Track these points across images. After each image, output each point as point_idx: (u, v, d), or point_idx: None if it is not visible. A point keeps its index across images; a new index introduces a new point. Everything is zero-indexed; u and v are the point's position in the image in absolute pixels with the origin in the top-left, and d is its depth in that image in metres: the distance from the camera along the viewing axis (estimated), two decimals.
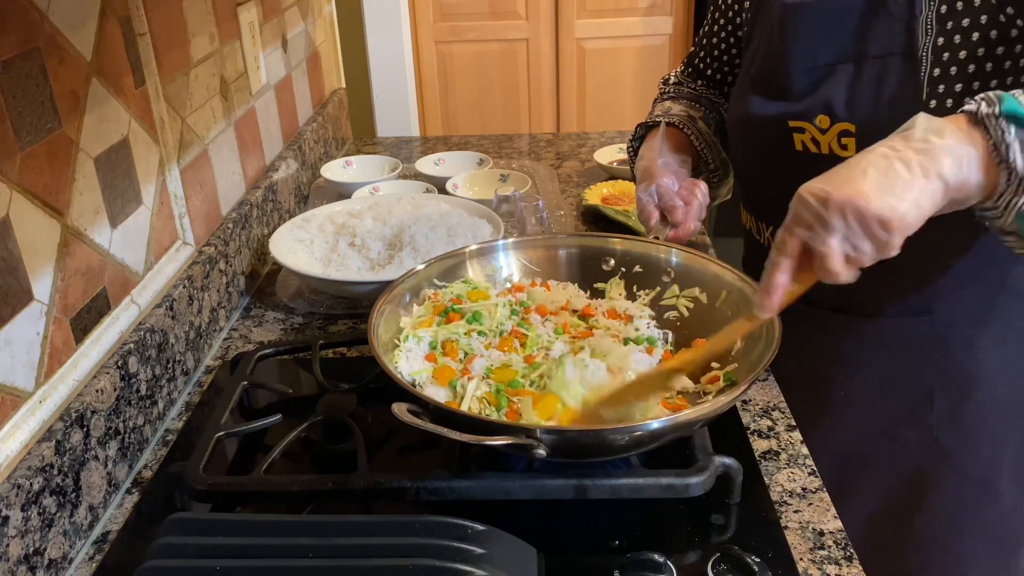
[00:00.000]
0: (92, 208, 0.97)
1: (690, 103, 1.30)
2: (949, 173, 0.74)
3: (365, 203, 1.47)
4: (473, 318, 1.01)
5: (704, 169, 1.26)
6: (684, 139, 1.24)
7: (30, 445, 0.82)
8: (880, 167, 0.75)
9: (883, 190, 0.73)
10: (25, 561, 0.78)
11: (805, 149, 1.05)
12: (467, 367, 0.94)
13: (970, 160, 0.75)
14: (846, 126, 1.00)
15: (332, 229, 1.39)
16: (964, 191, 0.76)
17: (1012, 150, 0.74)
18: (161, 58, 1.14)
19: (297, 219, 1.41)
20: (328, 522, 0.76)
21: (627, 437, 0.83)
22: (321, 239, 1.38)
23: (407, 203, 1.45)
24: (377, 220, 1.39)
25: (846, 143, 1.01)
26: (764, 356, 0.89)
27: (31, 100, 0.85)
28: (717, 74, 1.32)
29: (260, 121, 1.56)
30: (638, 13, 3.08)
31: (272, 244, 1.34)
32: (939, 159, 0.74)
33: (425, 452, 0.97)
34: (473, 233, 1.34)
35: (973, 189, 0.76)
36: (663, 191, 1.10)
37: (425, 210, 1.42)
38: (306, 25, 1.90)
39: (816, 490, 0.91)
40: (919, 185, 0.74)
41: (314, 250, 1.36)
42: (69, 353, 0.92)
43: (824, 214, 0.75)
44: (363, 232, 1.36)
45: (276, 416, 0.98)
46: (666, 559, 0.78)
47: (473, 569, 0.69)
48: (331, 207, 1.46)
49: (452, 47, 3.09)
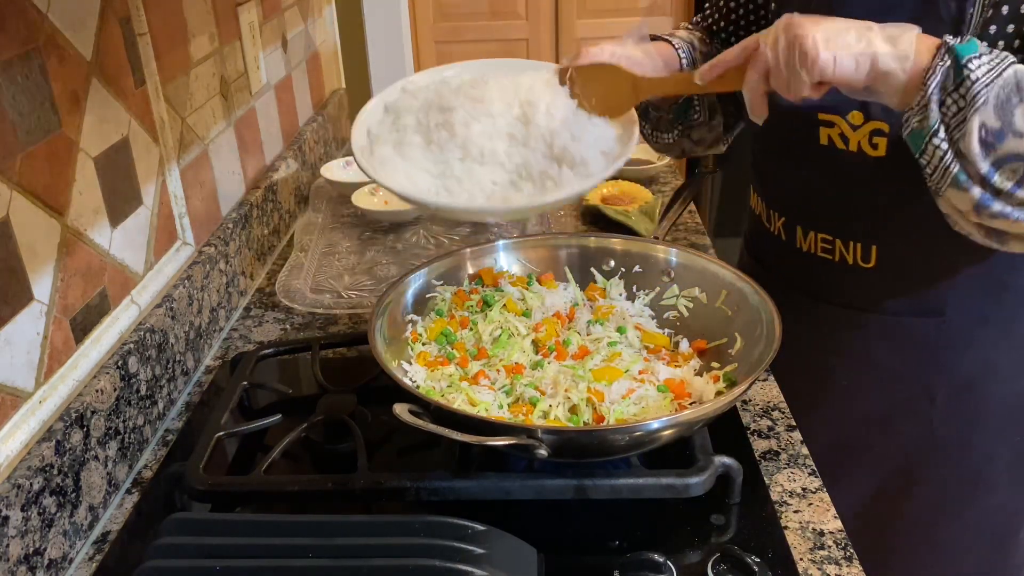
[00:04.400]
0: (92, 208, 0.97)
1: (701, 38, 1.21)
2: (883, 62, 0.82)
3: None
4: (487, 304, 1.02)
5: (687, 105, 1.17)
6: (672, 56, 1.11)
7: (30, 445, 0.82)
8: (841, 26, 0.84)
9: (826, 36, 0.83)
10: (25, 561, 0.78)
11: (831, 144, 1.04)
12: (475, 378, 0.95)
13: (905, 66, 0.82)
14: (880, 125, 0.99)
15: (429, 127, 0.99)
16: (886, 81, 0.83)
17: (934, 78, 0.81)
18: (161, 58, 1.14)
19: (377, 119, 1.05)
20: (328, 522, 0.76)
21: (627, 437, 0.83)
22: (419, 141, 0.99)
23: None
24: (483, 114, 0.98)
25: (877, 142, 1.00)
26: (764, 356, 0.89)
27: (31, 100, 0.85)
28: (731, 38, 1.23)
29: (260, 121, 1.56)
30: (638, 13, 3.09)
31: (368, 163, 0.99)
32: (884, 47, 0.83)
33: (425, 452, 0.97)
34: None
35: (894, 88, 0.84)
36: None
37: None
38: (306, 25, 1.90)
39: (816, 490, 0.91)
40: (853, 49, 0.82)
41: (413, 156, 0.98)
42: (69, 353, 0.92)
43: (780, 31, 0.85)
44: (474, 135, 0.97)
45: (276, 416, 0.98)
46: (666, 559, 0.78)
47: (473, 569, 0.69)
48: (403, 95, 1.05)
49: (452, 47, 3.09)
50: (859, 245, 1.06)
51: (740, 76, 0.89)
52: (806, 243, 1.11)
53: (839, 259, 1.09)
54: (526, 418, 0.89)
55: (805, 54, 0.82)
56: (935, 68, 0.81)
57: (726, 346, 1.00)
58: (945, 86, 0.81)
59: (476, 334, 1.01)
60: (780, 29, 0.85)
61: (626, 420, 0.88)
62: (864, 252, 1.06)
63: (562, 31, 3.10)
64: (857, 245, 1.06)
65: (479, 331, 1.01)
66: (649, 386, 0.92)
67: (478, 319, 1.03)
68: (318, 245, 1.48)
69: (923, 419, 1.13)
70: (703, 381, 0.94)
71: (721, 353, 1.00)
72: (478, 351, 0.99)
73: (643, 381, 0.93)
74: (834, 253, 1.09)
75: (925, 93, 0.82)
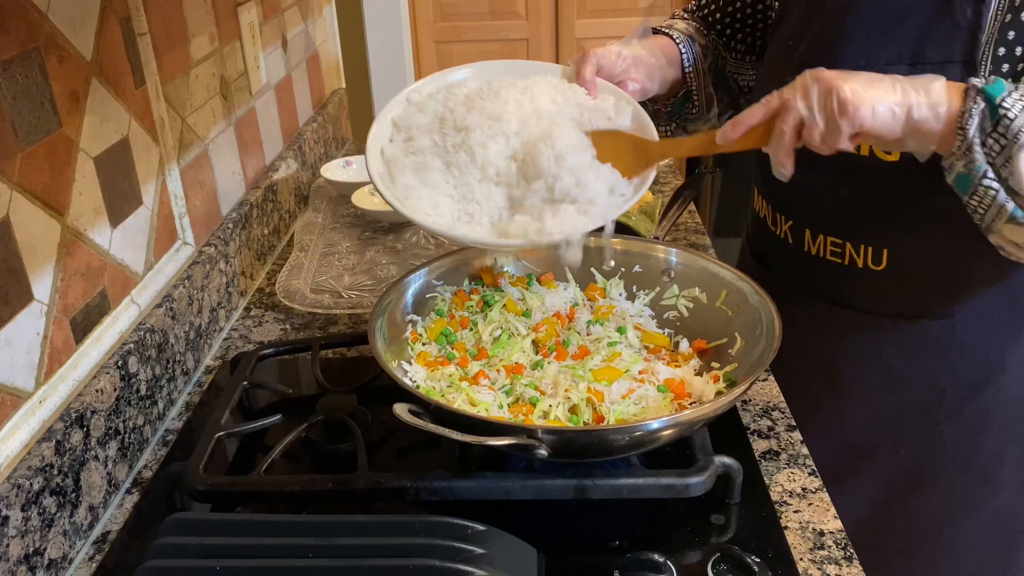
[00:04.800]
0: (92, 208, 0.97)
1: (699, 29, 1.22)
2: (917, 111, 0.83)
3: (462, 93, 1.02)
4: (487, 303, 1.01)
5: (686, 98, 1.19)
6: (673, 51, 1.14)
7: (30, 445, 0.82)
8: (875, 76, 0.84)
9: (861, 86, 0.83)
10: (25, 561, 0.78)
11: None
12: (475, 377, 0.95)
13: (939, 112, 0.83)
14: None
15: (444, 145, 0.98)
16: (921, 131, 0.84)
17: (972, 121, 0.82)
18: (161, 58, 1.14)
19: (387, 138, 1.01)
20: (328, 522, 0.77)
21: (627, 437, 0.83)
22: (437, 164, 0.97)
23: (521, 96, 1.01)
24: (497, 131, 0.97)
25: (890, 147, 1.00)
26: (764, 356, 0.90)
27: (31, 100, 0.85)
28: (727, 29, 1.24)
29: (260, 121, 1.56)
30: (638, 13, 3.08)
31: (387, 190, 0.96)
32: (918, 96, 0.83)
33: (425, 452, 0.97)
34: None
35: (929, 136, 0.84)
36: (602, 53, 1.04)
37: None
38: (306, 25, 1.90)
39: (816, 490, 0.91)
40: (888, 98, 0.83)
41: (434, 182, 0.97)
42: (69, 353, 0.92)
43: (809, 84, 0.84)
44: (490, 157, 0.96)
45: (276, 416, 0.98)
46: (666, 559, 0.78)
47: (473, 569, 0.69)
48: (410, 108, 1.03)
49: (452, 47, 3.09)
50: (870, 248, 1.06)
51: (763, 133, 0.87)
52: (815, 247, 1.11)
53: (849, 262, 1.08)
54: (526, 418, 0.89)
55: (845, 104, 0.81)
56: (970, 111, 0.82)
57: (726, 346, 1.00)
58: (984, 127, 0.82)
59: (476, 334, 1.01)
60: (809, 81, 0.84)
61: (626, 420, 0.88)
62: (875, 255, 1.06)
63: (562, 31, 3.10)
64: (868, 248, 1.06)
65: (479, 331, 1.01)
66: (649, 386, 0.92)
67: (478, 319, 1.03)
68: (318, 245, 1.48)
69: (931, 420, 1.12)
70: (703, 381, 0.94)
71: (721, 353, 1.00)
72: (478, 351, 0.99)
73: (643, 381, 0.93)
74: (844, 256, 1.08)
75: (965, 137, 0.82)
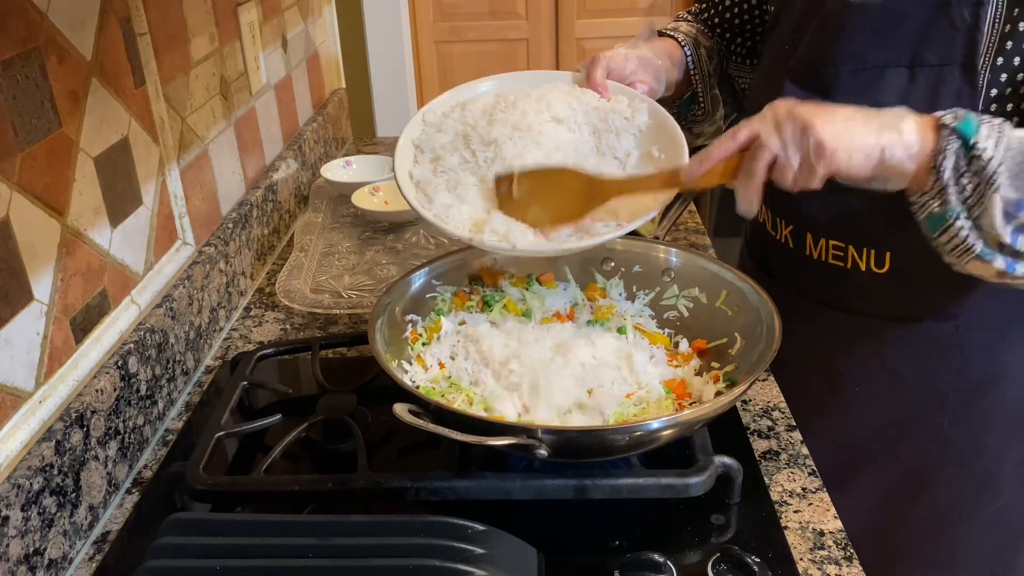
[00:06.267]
0: (92, 208, 0.97)
1: (702, 30, 1.23)
2: (890, 152, 0.82)
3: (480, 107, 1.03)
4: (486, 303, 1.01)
5: (692, 100, 1.20)
6: (677, 53, 1.16)
7: (30, 445, 0.82)
8: (848, 114, 0.84)
9: (838, 128, 0.82)
10: (25, 561, 0.78)
11: None
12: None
13: (912, 153, 0.83)
14: None
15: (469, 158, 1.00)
16: (894, 172, 0.84)
17: (945, 161, 0.81)
18: (161, 58, 1.14)
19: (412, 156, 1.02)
20: (328, 522, 0.77)
21: (627, 437, 0.83)
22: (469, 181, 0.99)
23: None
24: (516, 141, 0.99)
25: None
26: (764, 356, 0.89)
27: (31, 100, 0.85)
28: (727, 34, 1.25)
29: (260, 121, 1.56)
30: (638, 13, 3.08)
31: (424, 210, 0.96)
32: (891, 136, 0.83)
33: (425, 452, 0.97)
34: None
35: (901, 176, 0.84)
36: (611, 55, 1.05)
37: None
38: (306, 25, 1.90)
39: (816, 490, 0.91)
40: (864, 142, 0.82)
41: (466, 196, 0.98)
42: (69, 353, 0.92)
43: (783, 120, 0.83)
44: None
45: (276, 416, 0.98)
46: (666, 559, 0.78)
47: (473, 569, 0.69)
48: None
49: (452, 47, 3.09)
50: (873, 251, 1.05)
51: (729, 168, 0.86)
52: (816, 250, 1.10)
53: (851, 266, 1.07)
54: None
55: (822, 146, 0.81)
56: (944, 151, 0.81)
57: (726, 346, 1.00)
58: (958, 167, 0.81)
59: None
60: (783, 116, 0.83)
61: (626, 420, 0.88)
62: (878, 258, 1.05)
63: (562, 31, 3.10)
64: (871, 252, 1.05)
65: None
66: (649, 387, 0.92)
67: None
68: (318, 245, 1.48)
69: (934, 422, 1.12)
70: (703, 381, 0.94)
71: (721, 353, 1.00)
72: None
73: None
74: (846, 260, 1.08)
75: (940, 178, 0.82)
